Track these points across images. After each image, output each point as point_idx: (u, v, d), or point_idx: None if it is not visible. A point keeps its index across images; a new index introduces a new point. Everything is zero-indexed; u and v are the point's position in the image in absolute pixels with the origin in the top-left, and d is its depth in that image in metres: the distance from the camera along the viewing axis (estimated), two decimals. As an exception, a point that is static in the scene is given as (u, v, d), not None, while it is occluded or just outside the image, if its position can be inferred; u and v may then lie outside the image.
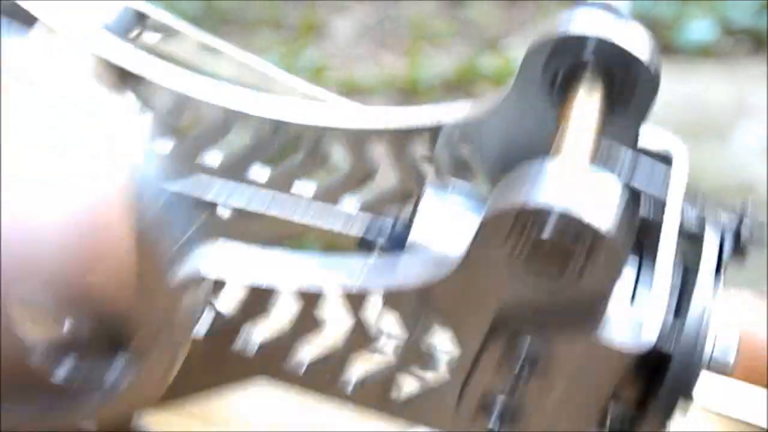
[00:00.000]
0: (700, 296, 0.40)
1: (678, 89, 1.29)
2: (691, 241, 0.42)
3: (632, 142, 0.43)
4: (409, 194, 0.47)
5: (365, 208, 0.48)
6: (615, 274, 0.37)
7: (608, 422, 0.42)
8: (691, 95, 1.29)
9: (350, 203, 0.48)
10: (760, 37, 1.37)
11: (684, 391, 0.40)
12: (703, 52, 1.36)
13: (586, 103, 0.42)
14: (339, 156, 0.47)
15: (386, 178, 0.48)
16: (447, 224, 0.43)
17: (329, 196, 0.47)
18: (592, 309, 0.38)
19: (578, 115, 0.41)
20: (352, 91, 1.27)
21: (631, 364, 0.39)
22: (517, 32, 1.37)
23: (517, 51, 1.32)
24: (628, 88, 0.43)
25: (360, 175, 0.47)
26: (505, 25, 1.38)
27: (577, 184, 0.36)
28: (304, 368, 0.43)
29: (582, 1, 0.43)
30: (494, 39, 1.37)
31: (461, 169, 0.46)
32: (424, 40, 1.38)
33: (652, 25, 1.34)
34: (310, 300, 0.41)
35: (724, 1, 1.38)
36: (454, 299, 0.39)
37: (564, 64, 0.43)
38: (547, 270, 0.37)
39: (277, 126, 0.45)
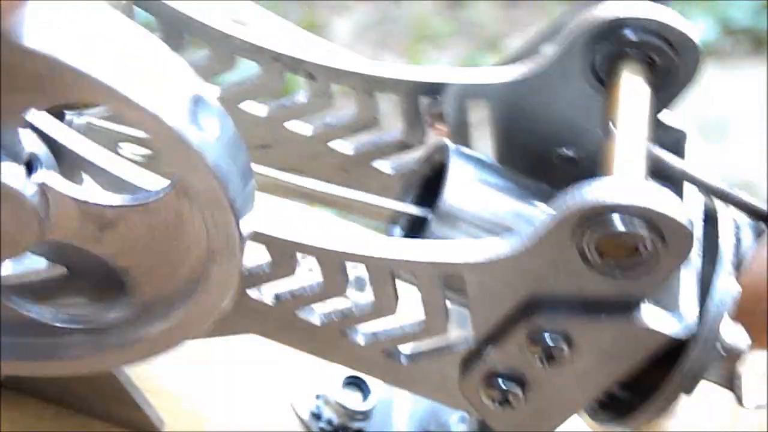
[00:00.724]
0: (721, 285, 0.42)
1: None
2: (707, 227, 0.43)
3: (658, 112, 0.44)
4: (406, 147, 0.47)
5: (361, 152, 0.48)
6: (681, 261, 0.39)
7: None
8: (690, 95, 1.29)
9: (345, 146, 0.48)
10: (760, 37, 1.37)
11: (698, 372, 0.41)
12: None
13: (634, 96, 0.42)
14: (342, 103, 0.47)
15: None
16: (477, 193, 0.43)
17: (326, 136, 0.47)
18: (644, 294, 0.40)
19: (628, 113, 0.42)
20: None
21: (661, 346, 0.40)
22: (517, 32, 1.37)
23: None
24: (669, 66, 0.43)
25: (363, 122, 0.47)
26: (505, 25, 1.38)
27: (643, 186, 0.38)
28: (318, 321, 0.42)
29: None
30: (494, 39, 1.37)
31: (464, 132, 0.46)
32: (424, 40, 1.38)
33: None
34: (339, 264, 0.41)
35: (724, 1, 1.38)
36: (491, 280, 0.40)
37: (606, 48, 0.43)
38: (619, 261, 0.38)
39: (294, 63, 0.46)
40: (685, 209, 0.38)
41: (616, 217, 0.38)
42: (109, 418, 0.48)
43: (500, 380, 0.42)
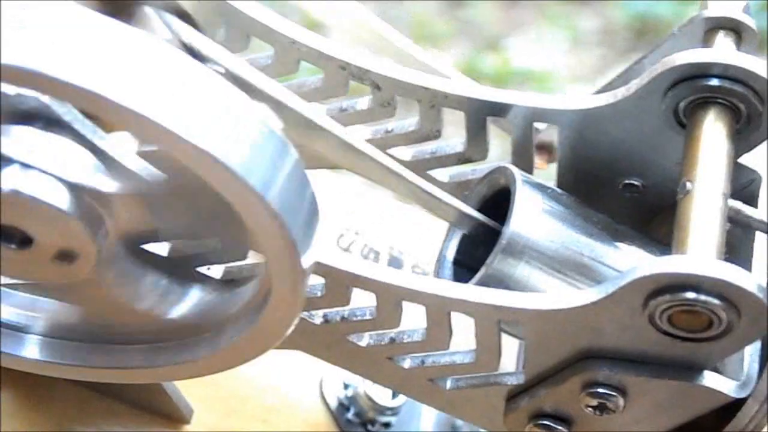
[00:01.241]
0: None
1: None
2: None
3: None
4: (466, 160, 0.47)
5: (419, 160, 0.47)
6: (758, 336, 0.39)
7: None
8: None
9: (403, 153, 0.47)
10: (761, 37, 1.37)
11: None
12: (703, 52, 1.36)
13: (714, 148, 0.42)
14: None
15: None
16: (544, 225, 0.42)
17: (385, 143, 0.47)
18: (711, 360, 0.39)
19: (708, 170, 0.41)
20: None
21: (720, 404, 0.40)
22: (517, 32, 1.37)
23: (517, 51, 1.32)
24: (753, 113, 0.43)
25: (425, 134, 0.47)
26: (505, 25, 1.38)
27: (720, 264, 0.38)
28: (365, 344, 0.42)
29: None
30: (494, 39, 1.37)
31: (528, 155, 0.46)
32: (424, 40, 1.37)
33: (652, 25, 1.34)
34: (397, 301, 0.40)
35: (724, 0, 1.38)
36: (551, 329, 0.40)
37: (688, 92, 0.43)
38: (691, 331, 0.38)
39: (360, 72, 0.46)
40: (763, 286, 0.38)
41: (691, 293, 0.37)
42: (138, 404, 0.47)
43: (547, 419, 0.42)
